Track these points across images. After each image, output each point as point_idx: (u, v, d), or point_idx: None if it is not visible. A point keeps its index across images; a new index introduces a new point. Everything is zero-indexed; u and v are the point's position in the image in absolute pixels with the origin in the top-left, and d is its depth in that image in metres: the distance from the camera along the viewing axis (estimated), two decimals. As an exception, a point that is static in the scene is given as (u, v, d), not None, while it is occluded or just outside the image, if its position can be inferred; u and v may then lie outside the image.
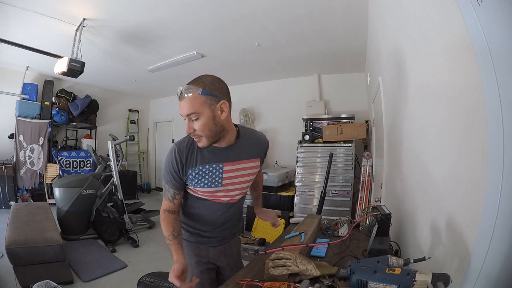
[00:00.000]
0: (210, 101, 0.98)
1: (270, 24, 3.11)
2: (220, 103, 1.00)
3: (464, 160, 0.70)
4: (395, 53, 1.62)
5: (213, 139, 1.04)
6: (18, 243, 2.35)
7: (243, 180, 1.17)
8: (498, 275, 0.54)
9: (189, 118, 1.00)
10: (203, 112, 0.98)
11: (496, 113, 0.52)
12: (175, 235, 1.09)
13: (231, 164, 1.12)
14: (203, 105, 0.98)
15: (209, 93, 0.98)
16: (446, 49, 0.81)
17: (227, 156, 1.11)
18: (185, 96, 0.98)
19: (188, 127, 1.01)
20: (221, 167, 1.10)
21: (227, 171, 1.11)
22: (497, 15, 0.53)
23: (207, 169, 1.09)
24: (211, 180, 1.10)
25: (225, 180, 1.12)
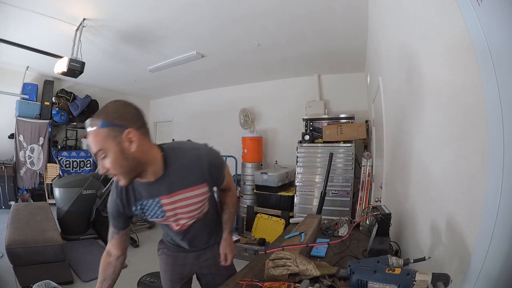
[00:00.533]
0: (113, 133, 0.83)
1: (270, 24, 3.11)
2: (126, 133, 0.84)
3: (464, 160, 0.70)
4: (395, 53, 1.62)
5: (130, 175, 0.89)
6: (18, 243, 2.35)
7: (189, 210, 1.05)
8: (498, 275, 0.54)
9: (99, 157, 0.85)
10: (109, 147, 0.83)
11: (496, 113, 0.52)
12: (99, 280, 1.05)
13: (166, 197, 1.00)
14: (106, 140, 0.83)
15: (111, 123, 0.83)
16: (446, 49, 0.81)
17: (160, 190, 0.99)
18: (89, 133, 0.84)
19: (101, 167, 0.86)
20: (158, 201, 1.00)
21: (166, 204, 1.01)
22: (497, 15, 0.53)
23: (146, 204, 1.02)
24: (155, 213, 1.03)
25: (168, 212, 1.03)
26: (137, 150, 0.86)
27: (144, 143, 0.89)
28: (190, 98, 6.73)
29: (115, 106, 0.87)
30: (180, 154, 1.00)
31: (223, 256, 1.19)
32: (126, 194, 1.01)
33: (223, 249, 1.20)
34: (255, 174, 4.41)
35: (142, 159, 0.89)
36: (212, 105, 6.26)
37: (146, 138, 0.90)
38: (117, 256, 1.10)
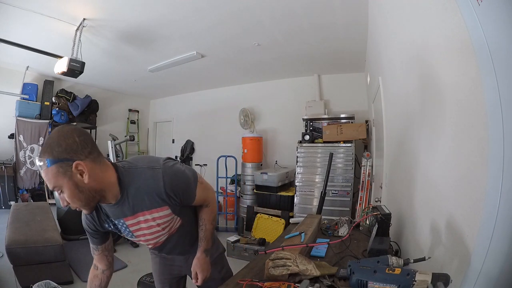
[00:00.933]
0: (62, 169, 0.78)
1: (270, 24, 3.11)
2: (74, 166, 0.79)
3: (464, 160, 0.70)
4: (395, 53, 1.62)
5: (90, 205, 0.88)
6: (18, 243, 2.35)
7: (155, 231, 1.02)
8: (498, 275, 0.54)
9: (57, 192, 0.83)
10: (61, 183, 0.80)
11: (496, 113, 0.52)
12: None
13: (131, 218, 0.97)
14: (57, 177, 0.79)
15: (57, 160, 0.78)
16: (446, 49, 0.81)
17: (123, 212, 0.96)
18: (43, 169, 0.79)
19: (62, 200, 0.84)
20: (123, 222, 0.98)
21: (131, 225, 0.99)
22: (497, 15, 0.53)
23: (115, 223, 1.01)
24: (124, 231, 1.02)
25: (135, 232, 1.01)
26: (90, 180, 0.82)
27: (97, 171, 0.84)
28: (190, 98, 6.73)
29: (57, 138, 0.80)
30: (135, 174, 0.93)
31: (193, 274, 1.13)
32: (96, 213, 1.00)
33: (194, 268, 1.13)
34: (255, 174, 4.41)
35: (97, 187, 0.86)
36: (212, 105, 6.26)
37: (97, 164, 0.85)
38: (102, 270, 1.12)
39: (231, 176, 4.97)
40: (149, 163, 0.95)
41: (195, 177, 1.04)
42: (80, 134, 0.82)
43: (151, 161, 0.96)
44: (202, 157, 6.23)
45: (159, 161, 0.96)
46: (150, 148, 7.84)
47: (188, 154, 6.52)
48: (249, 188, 4.71)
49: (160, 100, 7.56)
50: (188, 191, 1.00)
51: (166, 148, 7.42)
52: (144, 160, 0.98)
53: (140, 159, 1.00)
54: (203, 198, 1.09)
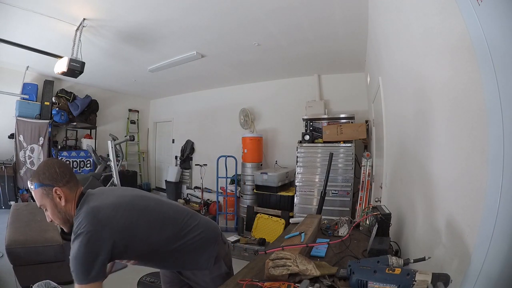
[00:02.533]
0: (45, 191, 0.99)
1: (270, 23, 3.11)
2: (54, 190, 0.99)
3: (464, 160, 0.70)
4: (395, 53, 1.62)
5: (66, 225, 1.03)
6: (18, 243, 2.35)
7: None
8: (498, 275, 0.54)
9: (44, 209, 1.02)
10: (45, 203, 1.00)
11: (496, 113, 0.52)
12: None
13: None
14: (42, 198, 0.99)
15: (42, 184, 0.98)
16: (446, 49, 0.81)
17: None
18: (32, 190, 1.01)
19: (47, 217, 1.03)
20: None
21: None
22: (497, 15, 0.53)
23: None
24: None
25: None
26: (66, 204, 1.00)
27: (70, 198, 1.01)
28: (190, 98, 6.73)
29: (44, 166, 1.01)
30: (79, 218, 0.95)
31: None
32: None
33: None
34: (255, 174, 4.41)
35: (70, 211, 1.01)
36: (212, 105, 6.26)
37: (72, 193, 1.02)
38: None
39: (231, 176, 4.97)
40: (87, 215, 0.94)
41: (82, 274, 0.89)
42: (60, 166, 1.03)
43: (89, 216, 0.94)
44: (202, 157, 6.23)
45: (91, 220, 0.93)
46: (150, 148, 7.85)
47: (188, 154, 6.53)
48: (249, 188, 4.71)
49: (160, 100, 7.56)
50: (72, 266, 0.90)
51: (166, 148, 7.43)
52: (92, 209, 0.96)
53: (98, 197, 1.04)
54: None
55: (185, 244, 1.12)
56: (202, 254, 1.17)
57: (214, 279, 1.20)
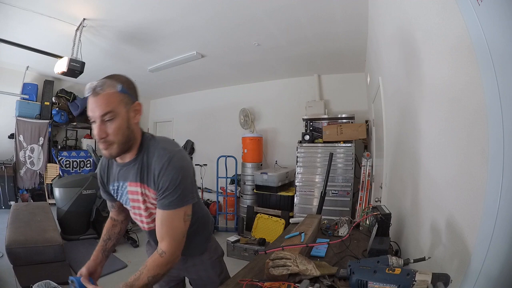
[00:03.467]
0: (126, 100, 0.87)
1: (270, 24, 3.11)
2: (136, 104, 0.90)
3: (464, 160, 0.70)
4: (395, 53, 1.62)
5: (124, 146, 0.88)
6: (18, 243, 2.35)
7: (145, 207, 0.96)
8: (498, 275, 0.54)
9: (102, 120, 0.83)
10: (120, 112, 0.84)
11: (496, 113, 0.52)
12: (104, 239, 1.12)
13: (132, 184, 0.94)
14: (120, 104, 0.84)
15: (127, 91, 0.87)
16: (446, 49, 0.81)
17: (128, 175, 0.95)
18: (100, 93, 0.83)
19: (100, 130, 0.82)
20: (126, 185, 0.96)
21: (130, 191, 0.96)
22: (497, 15, 0.53)
23: (118, 185, 1.00)
24: (124, 199, 1.01)
25: (131, 202, 0.98)
26: (136, 124, 0.90)
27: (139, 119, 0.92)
28: (190, 98, 6.73)
29: (126, 78, 0.90)
30: (152, 147, 0.92)
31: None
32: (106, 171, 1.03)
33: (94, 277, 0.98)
34: (255, 174, 4.41)
35: (135, 134, 0.91)
36: (212, 105, 6.26)
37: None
38: (121, 220, 1.17)
39: (231, 176, 4.97)
40: (166, 143, 0.94)
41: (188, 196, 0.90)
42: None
43: (169, 143, 0.95)
44: (202, 157, 6.23)
45: (176, 147, 0.94)
46: (150, 148, 7.84)
47: (188, 154, 6.53)
48: (249, 188, 4.71)
49: (160, 100, 7.55)
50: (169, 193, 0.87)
51: (166, 148, 7.42)
52: (165, 140, 0.97)
53: (163, 138, 0.99)
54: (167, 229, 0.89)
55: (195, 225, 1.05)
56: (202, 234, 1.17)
57: (214, 264, 1.21)
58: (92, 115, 0.84)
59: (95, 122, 0.84)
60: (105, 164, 1.04)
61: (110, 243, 1.12)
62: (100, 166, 1.06)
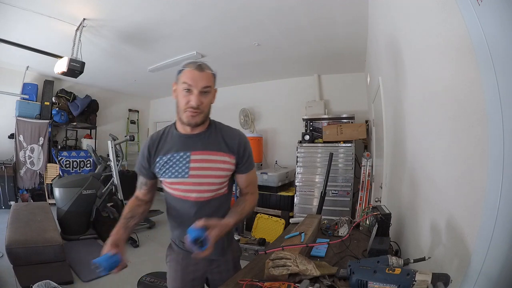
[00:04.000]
0: (214, 82, 1.06)
1: (270, 24, 3.11)
2: (216, 89, 1.09)
3: (464, 160, 0.70)
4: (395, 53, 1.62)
5: (205, 118, 1.07)
6: (18, 243, 2.35)
7: (211, 174, 1.08)
8: (498, 275, 0.54)
9: (201, 91, 1.01)
10: (212, 90, 1.05)
11: (496, 113, 0.52)
12: (126, 217, 1.09)
13: (198, 153, 1.07)
14: (213, 84, 1.05)
15: (215, 75, 1.07)
16: (446, 49, 0.81)
17: (195, 145, 1.08)
18: (205, 69, 1.02)
19: (198, 99, 1.00)
20: (188, 155, 1.06)
21: (194, 160, 1.06)
22: (497, 15, 0.53)
23: (175, 157, 1.07)
24: (178, 170, 1.06)
25: (192, 170, 1.06)
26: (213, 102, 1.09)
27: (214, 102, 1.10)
28: (190, 98, 6.72)
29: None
30: (221, 125, 1.15)
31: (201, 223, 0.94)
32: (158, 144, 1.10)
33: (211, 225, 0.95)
34: (255, 174, 4.41)
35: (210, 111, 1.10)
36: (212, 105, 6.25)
37: None
38: (146, 201, 1.20)
39: (231, 176, 4.96)
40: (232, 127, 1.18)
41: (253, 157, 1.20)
42: None
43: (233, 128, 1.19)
44: (202, 157, 6.24)
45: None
46: (150, 148, 7.84)
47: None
48: (249, 188, 4.70)
49: (160, 100, 7.56)
50: (250, 160, 1.15)
51: (166, 148, 7.42)
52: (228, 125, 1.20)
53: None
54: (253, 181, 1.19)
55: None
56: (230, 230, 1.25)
57: (235, 263, 1.24)
58: (193, 85, 1.00)
59: (190, 90, 1.00)
60: (156, 138, 1.12)
61: (132, 222, 1.09)
62: (150, 141, 1.12)
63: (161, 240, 3.85)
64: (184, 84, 1.00)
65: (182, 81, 1.01)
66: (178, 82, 1.03)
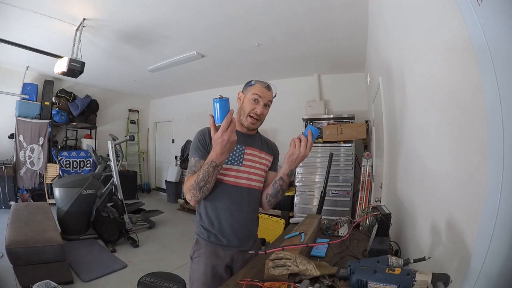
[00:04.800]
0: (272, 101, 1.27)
1: (270, 23, 3.11)
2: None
3: (464, 160, 0.70)
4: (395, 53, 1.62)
5: (260, 125, 1.29)
6: (18, 243, 2.35)
7: (258, 167, 1.29)
8: (498, 275, 0.54)
9: (265, 104, 1.23)
10: (269, 106, 1.26)
11: (496, 113, 0.52)
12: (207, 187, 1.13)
13: (251, 149, 1.29)
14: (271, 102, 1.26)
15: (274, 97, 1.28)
16: (446, 49, 0.81)
17: (249, 142, 1.29)
18: (271, 89, 1.26)
19: (261, 110, 1.22)
20: (243, 148, 1.26)
21: (248, 154, 1.27)
22: (497, 15, 0.53)
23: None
24: (234, 158, 1.23)
25: (246, 161, 1.25)
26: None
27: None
28: (190, 98, 6.72)
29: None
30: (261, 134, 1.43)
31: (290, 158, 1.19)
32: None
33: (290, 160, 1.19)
34: (255, 174, 4.41)
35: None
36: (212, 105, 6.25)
37: None
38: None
39: (231, 176, 4.96)
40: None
41: None
42: None
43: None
44: (202, 157, 6.23)
45: None
46: (150, 148, 7.85)
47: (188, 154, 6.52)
48: (249, 188, 4.70)
49: (160, 100, 7.56)
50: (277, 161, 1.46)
51: (166, 148, 7.42)
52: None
53: None
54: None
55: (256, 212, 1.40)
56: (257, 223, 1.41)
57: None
58: (262, 98, 1.22)
59: (258, 101, 1.22)
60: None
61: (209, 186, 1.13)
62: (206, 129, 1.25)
63: (161, 240, 3.86)
64: (254, 95, 1.21)
65: (253, 92, 1.22)
66: (247, 92, 1.25)
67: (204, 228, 1.24)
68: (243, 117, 1.25)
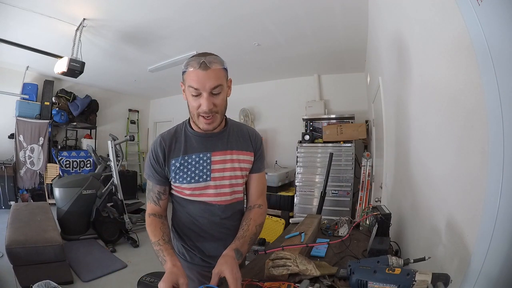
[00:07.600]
0: (226, 76, 0.96)
1: (270, 24, 3.11)
2: (230, 80, 0.99)
3: (464, 160, 0.70)
4: (395, 53, 1.62)
5: (222, 117, 0.99)
6: (18, 243, 2.35)
7: (233, 175, 1.03)
8: (498, 275, 0.54)
9: (211, 93, 0.89)
10: (224, 86, 0.92)
11: (496, 113, 0.52)
12: (165, 240, 0.92)
13: (219, 153, 1.00)
14: (224, 79, 0.92)
15: (226, 68, 0.94)
16: (446, 49, 0.81)
17: (216, 145, 1.01)
18: (210, 67, 0.87)
19: (209, 102, 0.89)
20: (208, 157, 0.99)
21: (216, 161, 1.00)
22: (497, 15, 0.53)
23: (194, 159, 0.98)
24: (199, 173, 0.98)
25: (214, 172, 0.99)
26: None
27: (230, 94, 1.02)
28: (190, 98, 6.72)
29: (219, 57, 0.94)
30: (237, 124, 1.12)
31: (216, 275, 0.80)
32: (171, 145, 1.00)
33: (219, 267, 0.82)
34: (255, 174, 4.40)
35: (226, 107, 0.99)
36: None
37: None
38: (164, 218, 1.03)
39: (231, 176, 4.96)
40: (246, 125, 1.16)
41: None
42: None
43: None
44: (202, 157, 6.24)
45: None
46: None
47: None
48: (249, 188, 4.70)
49: (160, 100, 7.56)
50: (263, 157, 1.13)
51: (166, 148, 7.41)
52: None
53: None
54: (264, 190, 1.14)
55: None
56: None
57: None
58: (201, 87, 0.88)
59: (199, 95, 0.90)
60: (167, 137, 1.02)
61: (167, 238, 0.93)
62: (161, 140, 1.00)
63: (161, 240, 3.85)
64: (190, 88, 0.89)
65: (188, 85, 0.90)
66: (185, 83, 0.93)
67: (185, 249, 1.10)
68: (195, 118, 0.96)
